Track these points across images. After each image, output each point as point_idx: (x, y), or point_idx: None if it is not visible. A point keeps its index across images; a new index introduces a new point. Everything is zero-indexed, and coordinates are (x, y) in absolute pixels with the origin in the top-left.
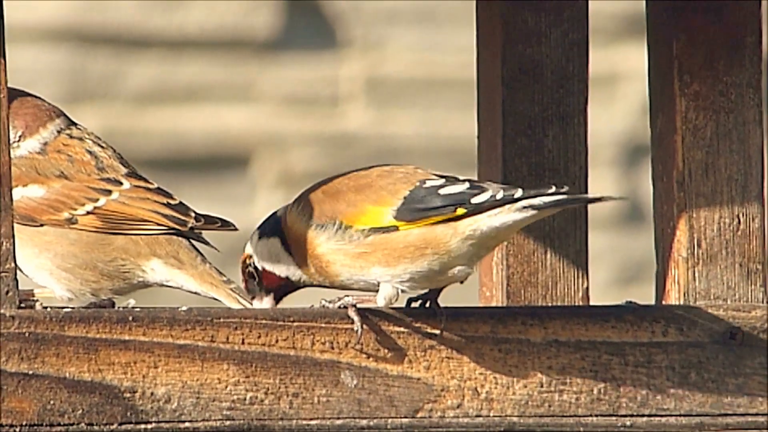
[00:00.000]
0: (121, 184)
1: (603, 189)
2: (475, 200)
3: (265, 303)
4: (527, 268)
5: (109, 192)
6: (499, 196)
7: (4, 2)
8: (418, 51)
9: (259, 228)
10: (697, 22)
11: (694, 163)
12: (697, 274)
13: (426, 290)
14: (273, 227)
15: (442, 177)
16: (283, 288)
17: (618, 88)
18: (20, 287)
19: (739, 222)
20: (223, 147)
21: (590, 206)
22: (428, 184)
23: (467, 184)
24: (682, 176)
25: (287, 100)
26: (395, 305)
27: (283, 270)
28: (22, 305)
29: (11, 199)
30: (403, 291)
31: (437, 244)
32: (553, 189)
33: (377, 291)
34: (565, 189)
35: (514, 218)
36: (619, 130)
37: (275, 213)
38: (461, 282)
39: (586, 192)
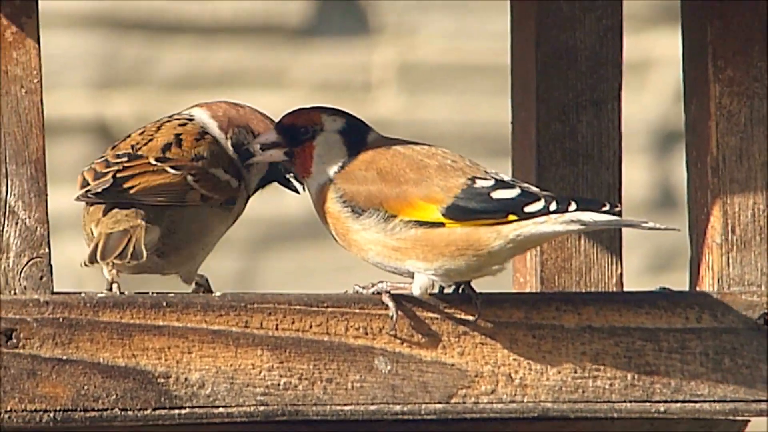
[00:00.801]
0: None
1: (636, 175)
2: (528, 209)
3: (274, 154)
4: (561, 254)
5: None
6: (552, 207)
7: None
8: (450, 37)
9: (347, 117)
10: (731, 8)
11: (728, 149)
12: (731, 260)
13: None
14: (357, 137)
15: (491, 177)
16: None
17: (652, 74)
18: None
19: None
20: None
21: (624, 191)
22: (479, 184)
23: (518, 190)
24: (716, 162)
25: (320, 86)
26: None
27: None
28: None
29: (45, 184)
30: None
31: (480, 245)
32: (607, 207)
33: (409, 277)
34: (618, 209)
35: (559, 229)
36: (653, 116)
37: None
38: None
39: (620, 177)
